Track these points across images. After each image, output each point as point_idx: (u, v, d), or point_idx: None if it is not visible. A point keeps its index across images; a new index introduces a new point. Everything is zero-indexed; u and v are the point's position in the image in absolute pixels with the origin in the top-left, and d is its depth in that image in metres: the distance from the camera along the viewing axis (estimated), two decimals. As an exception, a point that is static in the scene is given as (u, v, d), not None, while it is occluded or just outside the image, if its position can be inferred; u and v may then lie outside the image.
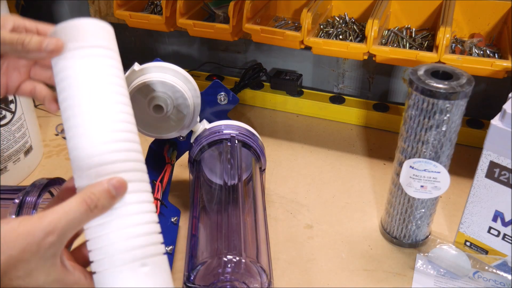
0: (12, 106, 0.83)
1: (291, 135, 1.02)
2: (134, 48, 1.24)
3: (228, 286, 0.58)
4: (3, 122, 0.82)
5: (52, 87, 0.50)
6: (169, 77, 0.68)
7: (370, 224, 0.80)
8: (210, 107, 0.78)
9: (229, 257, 0.57)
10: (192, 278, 0.58)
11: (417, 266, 0.71)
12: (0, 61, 0.49)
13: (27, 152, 0.89)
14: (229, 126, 0.75)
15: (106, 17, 1.17)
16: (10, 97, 0.83)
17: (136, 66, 0.68)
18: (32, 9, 1.22)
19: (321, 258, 0.73)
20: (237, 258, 0.57)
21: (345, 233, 0.78)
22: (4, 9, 0.82)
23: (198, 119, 0.73)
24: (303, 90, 1.09)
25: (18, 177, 0.88)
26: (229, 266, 0.57)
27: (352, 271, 0.71)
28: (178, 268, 0.69)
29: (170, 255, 0.69)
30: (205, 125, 0.75)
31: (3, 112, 0.82)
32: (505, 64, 0.75)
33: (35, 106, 1.06)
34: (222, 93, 0.78)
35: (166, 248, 0.67)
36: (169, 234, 0.71)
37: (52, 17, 1.26)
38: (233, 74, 1.17)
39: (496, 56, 0.84)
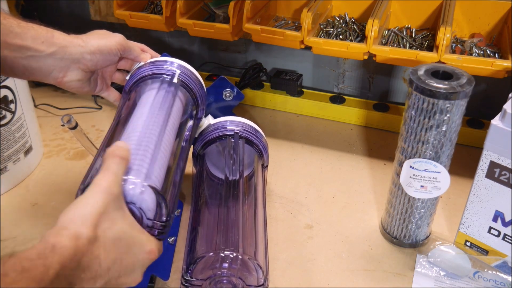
0: (12, 106, 0.83)
1: (291, 135, 1.02)
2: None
3: (224, 281, 0.59)
4: (3, 122, 0.82)
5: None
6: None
7: (370, 224, 0.79)
8: (215, 103, 0.79)
9: (227, 252, 0.58)
10: (190, 272, 0.59)
11: (417, 266, 0.71)
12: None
13: (27, 152, 0.89)
14: (234, 123, 0.76)
15: (106, 17, 1.17)
16: (10, 97, 0.83)
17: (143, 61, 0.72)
18: (32, 9, 1.22)
19: (321, 258, 0.73)
20: (234, 254, 0.58)
21: (345, 233, 0.78)
22: (4, 9, 0.81)
23: (204, 114, 0.74)
24: (303, 90, 1.09)
25: (18, 177, 0.88)
26: (226, 261, 0.58)
27: (352, 271, 0.71)
28: (178, 268, 0.69)
29: (172, 246, 0.69)
30: (210, 120, 0.76)
31: (3, 112, 0.82)
32: (505, 64, 0.75)
33: (35, 106, 1.06)
34: (227, 89, 0.78)
35: (168, 239, 0.68)
36: (171, 226, 0.72)
37: (52, 17, 1.26)
38: (233, 74, 1.17)
39: (497, 56, 0.84)
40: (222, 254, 0.58)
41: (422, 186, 0.68)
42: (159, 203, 0.53)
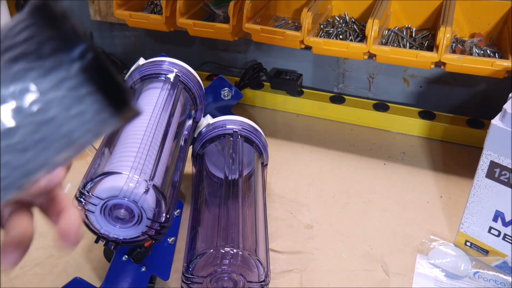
0: (12, 106, 0.83)
1: (291, 135, 1.02)
2: (134, 48, 1.24)
3: (225, 278, 0.59)
4: (2, 122, 0.81)
5: None
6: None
7: (370, 224, 0.79)
8: (214, 102, 0.79)
9: (227, 249, 0.58)
10: (190, 269, 0.59)
11: (417, 267, 0.71)
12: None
13: (27, 152, 0.88)
14: (232, 122, 0.76)
15: (106, 17, 1.17)
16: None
17: (141, 61, 0.72)
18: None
19: (321, 258, 0.73)
20: (235, 251, 0.58)
21: (345, 233, 0.78)
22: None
23: (202, 113, 0.74)
24: (303, 90, 1.09)
25: (18, 177, 0.88)
26: (226, 258, 0.58)
27: (352, 271, 0.71)
28: (178, 268, 0.69)
29: (172, 246, 0.69)
30: (208, 119, 0.76)
31: (3, 112, 0.81)
32: (505, 64, 0.75)
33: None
34: (226, 88, 0.78)
35: (168, 239, 0.68)
36: (171, 226, 0.72)
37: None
38: (233, 74, 1.17)
39: (497, 56, 0.84)
40: (223, 251, 0.58)
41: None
42: (159, 203, 0.53)
